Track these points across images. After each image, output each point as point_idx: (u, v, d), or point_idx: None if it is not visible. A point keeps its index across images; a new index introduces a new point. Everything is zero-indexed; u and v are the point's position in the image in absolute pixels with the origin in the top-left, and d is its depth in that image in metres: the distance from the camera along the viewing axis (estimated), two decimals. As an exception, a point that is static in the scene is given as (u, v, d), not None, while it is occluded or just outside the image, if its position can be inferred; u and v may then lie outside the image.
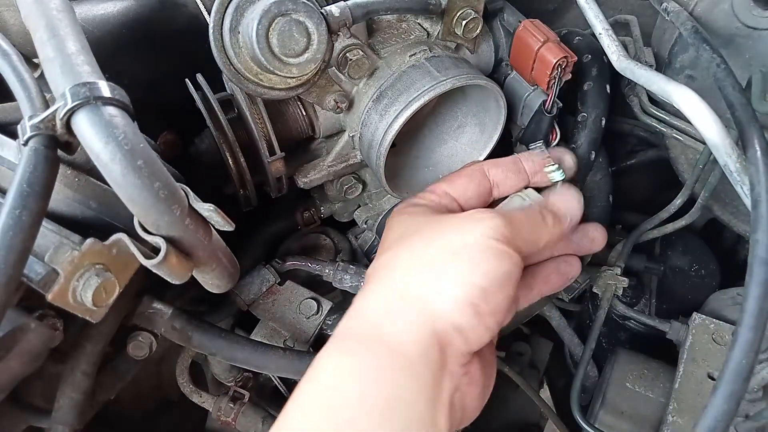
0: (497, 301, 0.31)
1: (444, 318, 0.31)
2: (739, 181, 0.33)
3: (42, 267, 0.28)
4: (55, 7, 0.30)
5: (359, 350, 0.30)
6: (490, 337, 0.32)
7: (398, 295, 0.32)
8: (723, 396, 0.27)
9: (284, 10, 0.32)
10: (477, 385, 0.32)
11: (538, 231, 0.35)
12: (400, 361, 0.29)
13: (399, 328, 0.30)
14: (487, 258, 0.32)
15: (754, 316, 0.28)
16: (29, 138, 0.27)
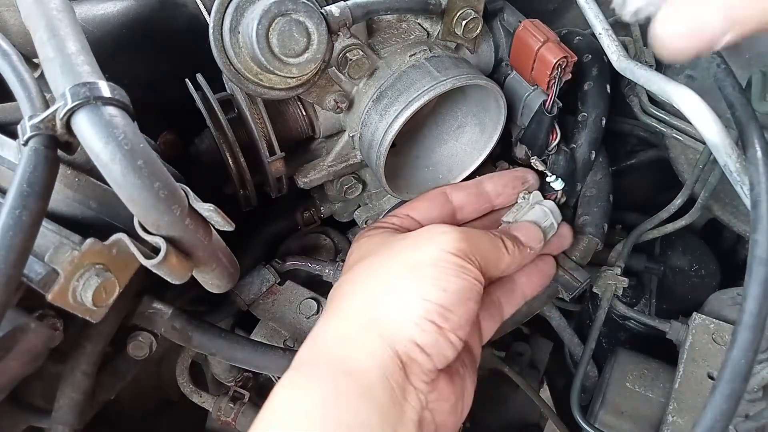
0: (458, 316, 0.31)
1: (404, 338, 0.31)
2: (738, 181, 0.33)
3: (42, 267, 0.28)
4: (55, 7, 0.30)
5: (319, 379, 0.30)
6: (455, 352, 0.32)
7: (357, 320, 0.32)
8: (722, 395, 0.27)
9: (284, 10, 0.32)
10: (447, 400, 0.32)
11: (498, 254, 0.36)
12: (360, 387, 0.29)
13: (358, 354, 0.30)
14: (445, 273, 0.32)
15: (753, 315, 0.28)
16: (29, 138, 0.27)
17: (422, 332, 0.31)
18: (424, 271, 0.32)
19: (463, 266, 0.33)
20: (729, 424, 0.27)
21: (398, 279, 0.33)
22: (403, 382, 0.30)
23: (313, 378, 0.30)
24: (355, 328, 0.32)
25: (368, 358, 0.30)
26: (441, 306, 0.31)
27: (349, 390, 0.29)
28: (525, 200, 0.43)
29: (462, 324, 0.32)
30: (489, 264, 0.35)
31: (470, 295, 0.33)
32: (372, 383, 0.29)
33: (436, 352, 0.31)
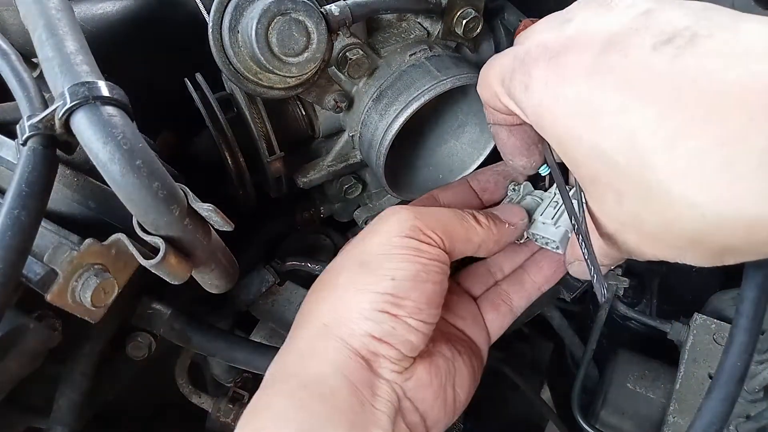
0: (413, 300, 0.31)
1: (359, 334, 0.30)
2: None
3: (41, 267, 0.28)
4: (53, 6, 0.30)
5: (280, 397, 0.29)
6: (422, 336, 0.31)
7: (313, 330, 0.32)
8: (717, 398, 0.27)
9: (284, 9, 0.32)
10: (430, 386, 0.32)
11: (467, 227, 0.35)
12: (320, 395, 0.28)
13: (317, 364, 0.30)
14: (393, 261, 0.31)
15: (749, 318, 0.28)
16: (28, 138, 0.27)
17: (376, 324, 0.30)
18: (372, 263, 0.32)
19: (414, 248, 0.32)
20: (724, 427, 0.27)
21: (348, 278, 0.32)
22: (369, 378, 0.30)
23: (277, 396, 0.29)
24: (312, 338, 0.31)
25: (326, 364, 0.30)
26: (391, 295, 0.31)
27: (311, 400, 0.28)
28: (515, 192, 0.42)
29: (421, 307, 0.31)
30: (457, 237, 0.34)
31: (425, 276, 0.31)
32: (332, 388, 0.29)
33: (397, 340, 0.31)
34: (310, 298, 0.35)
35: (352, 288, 0.32)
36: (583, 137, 0.25)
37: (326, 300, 0.33)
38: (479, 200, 0.43)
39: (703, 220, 0.22)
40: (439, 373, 0.33)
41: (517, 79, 0.28)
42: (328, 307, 0.32)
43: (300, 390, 0.29)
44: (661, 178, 0.22)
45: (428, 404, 0.32)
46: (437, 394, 0.32)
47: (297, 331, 0.33)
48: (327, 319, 0.32)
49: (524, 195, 0.42)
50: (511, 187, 0.43)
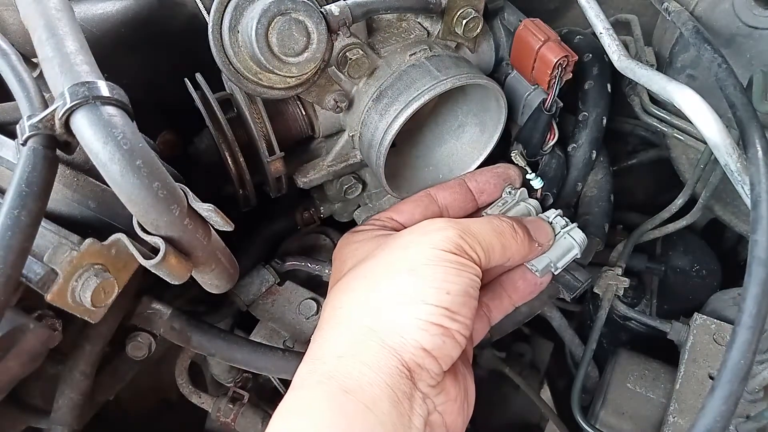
0: (463, 315, 0.31)
1: (411, 344, 0.30)
2: (740, 181, 0.32)
3: (41, 267, 0.28)
4: (53, 6, 0.30)
5: (320, 401, 0.29)
6: (460, 352, 0.32)
7: (356, 331, 0.31)
8: (721, 397, 0.26)
9: (284, 9, 0.32)
10: (455, 400, 0.32)
11: (504, 241, 0.35)
12: (364, 404, 0.28)
13: (360, 368, 0.29)
14: (446, 273, 0.31)
15: (752, 316, 0.28)
16: (28, 138, 0.27)
17: (430, 336, 0.30)
18: (424, 272, 0.31)
19: (462, 263, 0.32)
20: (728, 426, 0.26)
21: (397, 284, 0.32)
22: (410, 391, 0.30)
23: (315, 401, 0.29)
24: (355, 341, 0.31)
25: (371, 371, 0.29)
26: (447, 309, 0.31)
27: (353, 409, 0.28)
28: (510, 195, 0.42)
29: (467, 323, 0.31)
30: (495, 251, 0.34)
31: (473, 292, 0.32)
32: (377, 398, 0.28)
33: (443, 354, 0.31)
34: (347, 297, 0.33)
35: (403, 296, 0.31)
36: None
37: (368, 303, 0.32)
38: (475, 201, 0.43)
39: None
40: (460, 387, 0.33)
41: None
42: (373, 311, 0.31)
43: (341, 395, 0.28)
44: None
45: (454, 417, 0.32)
46: (460, 408, 0.33)
47: (336, 331, 0.32)
48: (371, 322, 0.31)
49: (519, 200, 0.42)
50: (507, 190, 0.43)
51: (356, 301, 0.33)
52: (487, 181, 0.42)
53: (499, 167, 0.44)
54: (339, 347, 0.31)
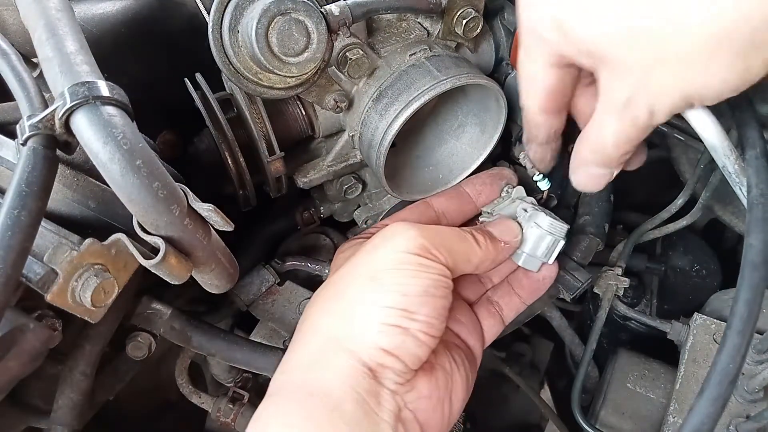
0: (424, 315, 0.31)
1: (368, 346, 0.31)
2: (737, 183, 0.32)
3: (41, 267, 0.28)
4: (53, 6, 0.30)
5: (288, 406, 0.30)
6: (428, 349, 0.32)
7: (321, 340, 0.32)
8: (708, 399, 0.27)
9: (284, 9, 0.32)
10: (429, 398, 0.32)
11: (468, 247, 0.36)
12: (328, 405, 0.29)
13: (324, 374, 0.30)
14: (403, 276, 0.32)
15: (743, 320, 0.28)
16: (28, 138, 0.27)
17: (386, 337, 0.31)
18: (383, 278, 0.32)
19: (422, 264, 0.33)
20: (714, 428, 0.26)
21: (358, 292, 0.33)
22: (374, 389, 0.30)
23: (283, 407, 0.30)
24: (319, 349, 0.32)
25: (334, 375, 0.30)
26: (403, 309, 0.31)
27: (317, 410, 0.29)
28: (507, 194, 0.43)
29: (430, 322, 0.32)
30: (458, 258, 0.35)
31: (435, 291, 0.32)
32: (340, 399, 0.29)
33: (405, 353, 0.31)
34: (315, 309, 0.35)
35: (362, 302, 0.32)
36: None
37: (334, 312, 0.33)
38: (474, 204, 0.43)
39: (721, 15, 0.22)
40: (438, 387, 0.33)
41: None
42: (336, 319, 0.33)
43: (307, 400, 0.29)
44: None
45: (428, 415, 0.32)
46: (436, 406, 0.33)
47: (302, 342, 0.33)
48: (336, 331, 0.32)
49: (513, 198, 0.42)
50: (505, 189, 0.43)
51: (321, 310, 0.34)
52: (483, 182, 0.43)
53: (494, 168, 0.44)
54: (305, 357, 0.32)
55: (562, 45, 0.30)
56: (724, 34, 0.24)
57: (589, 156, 0.34)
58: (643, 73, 0.27)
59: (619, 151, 0.32)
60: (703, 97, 0.27)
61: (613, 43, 0.27)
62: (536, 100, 0.34)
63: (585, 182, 0.36)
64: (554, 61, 0.31)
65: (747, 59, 0.24)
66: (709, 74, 0.25)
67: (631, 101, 0.29)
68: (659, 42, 0.26)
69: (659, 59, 0.26)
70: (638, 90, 0.28)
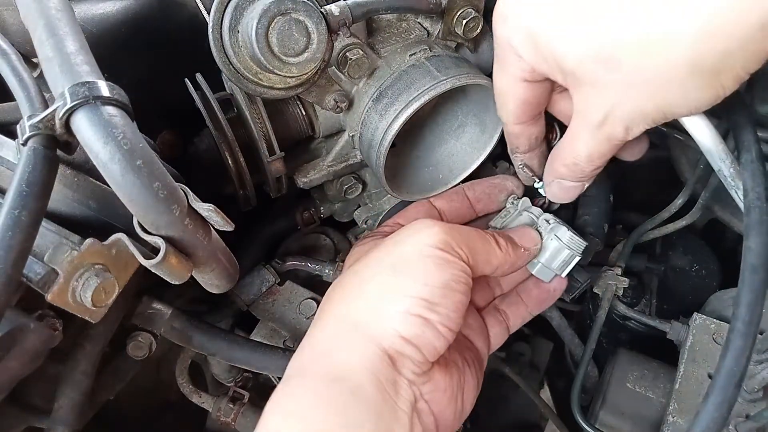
0: (444, 307, 0.32)
1: (389, 334, 0.31)
2: (733, 186, 0.32)
3: (41, 267, 0.28)
4: (54, 6, 0.30)
5: (309, 390, 0.30)
6: (446, 343, 0.32)
7: (342, 326, 0.32)
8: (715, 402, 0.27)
9: (284, 9, 0.32)
10: (444, 391, 0.33)
11: (489, 249, 0.36)
12: (350, 390, 0.29)
13: (345, 358, 0.31)
14: (427, 268, 0.32)
15: (746, 323, 0.28)
16: (28, 138, 0.27)
17: (408, 326, 0.31)
18: (406, 268, 0.33)
19: (445, 258, 0.33)
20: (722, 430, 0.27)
21: (382, 281, 0.33)
22: (393, 376, 0.30)
23: (304, 389, 0.30)
24: (341, 335, 0.32)
25: (355, 360, 0.30)
26: (424, 300, 0.32)
27: (339, 394, 0.29)
28: (513, 206, 0.43)
29: (450, 315, 0.32)
30: (479, 258, 0.35)
31: (455, 286, 0.33)
32: (361, 384, 0.29)
33: (424, 343, 0.31)
34: (336, 295, 0.35)
35: (385, 290, 0.32)
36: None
37: (356, 299, 0.33)
38: (473, 210, 0.44)
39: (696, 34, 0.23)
40: (452, 382, 0.33)
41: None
42: (359, 306, 0.33)
43: (328, 384, 0.29)
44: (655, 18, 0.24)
45: (442, 408, 0.33)
46: (450, 401, 0.33)
47: (322, 326, 0.34)
48: (358, 317, 0.32)
49: (521, 210, 0.42)
50: (510, 200, 0.43)
51: (343, 297, 0.34)
52: (483, 191, 0.44)
53: (497, 177, 0.45)
54: (325, 341, 0.33)
55: (537, 61, 0.30)
56: (696, 59, 0.25)
57: (563, 170, 0.35)
58: (619, 92, 0.27)
59: (592, 166, 0.33)
60: (680, 114, 0.28)
61: (589, 63, 0.27)
62: (511, 113, 0.35)
63: (558, 194, 0.38)
64: (528, 76, 0.32)
65: (720, 78, 0.25)
66: (686, 93, 0.26)
67: (606, 120, 0.29)
68: (636, 62, 0.26)
69: (636, 79, 0.27)
70: (614, 109, 0.28)
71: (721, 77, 0.25)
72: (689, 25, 0.24)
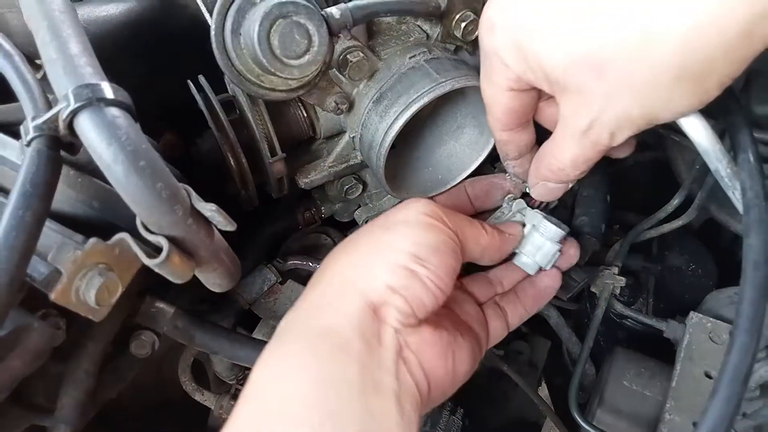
0: (432, 264, 0.32)
1: (377, 285, 0.32)
2: (730, 187, 0.33)
3: (45, 267, 0.28)
4: (57, 8, 0.31)
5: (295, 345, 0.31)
6: (434, 300, 0.33)
7: (334, 282, 0.33)
8: (722, 399, 0.27)
9: (285, 12, 0.33)
10: (433, 346, 0.33)
11: (476, 230, 0.38)
12: (334, 344, 0.30)
13: (332, 312, 0.31)
14: (417, 229, 0.34)
15: (750, 319, 0.28)
16: (32, 139, 0.27)
17: (395, 277, 0.32)
18: (397, 229, 0.34)
19: (434, 224, 0.34)
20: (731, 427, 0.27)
21: (371, 240, 0.34)
22: (377, 327, 0.31)
23: (291, 345, 0.31)
24: (330, 292, 0.33)
25: (342, 316, 0.31)
26: (413, 254, 0.32)
27: (324, 348, 0.29)
28: (508, 206, 0.44)
29: (438, 273, 0.33)
30: (468, 237, 0.36)
31: (443, 248, 0.34)
32: (346, 337, 0.30)
33: (411, 295, 0.32)
34: (331, 259, 0.36)
35: (376, 247, 0.34)
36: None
37: (347, 259, 0.35)
38: (471, 206, 0.45)
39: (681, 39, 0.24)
40: (442, 339, 0.34)
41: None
42: (349, 264, 0.34)
43: (315, 339, 0.30)
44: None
45: (431, 363, 0.33)
46: (439, 356, 0.33)
47: (314, 286, 0.35)
48: (349, 274, 0.33)
49: (515, 211, 0.43)
50: (507, 199, 0.44)
51: (336, 259, 0.36)
52: (482, 188, 0.45)
53: (496, 176, 0.45)
54: (315, 299, 0.33)
55: (523, 70, 0.31)
56: (680, 66, 0.25)
57: (548, 174, 0.36)
58: (605, 100, 0.28)
59: (577, 171, 0.34)
60: (664, 119, 0.29)
61: (575, 70, 0.28)
62: (498, 121, 0.36)
63: (544, 195, 0.39)
64: (514, 85, 0.32)
65: (704, 83, 0.26)
66: (671, 99, 0.27)
67: (592, 127, 0.30)
68: (622, 70, 0.27)
69: (622, 85, 0.27)
70: (600, 116, 0.29)
71: (705, 83, 0.26)
72: (675, 30, 0.24)
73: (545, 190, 0.38)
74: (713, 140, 0.32)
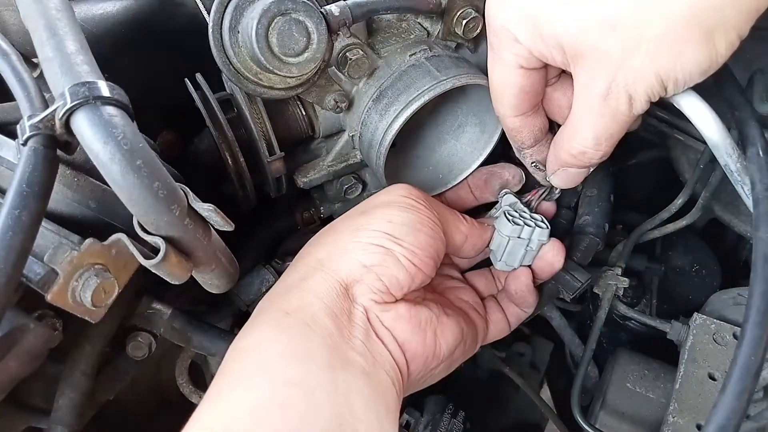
0: (408, 243, 0.33)
1: (350, 265, 0.32)
2: (739, 181, 0.32)
3: (41, 267, 0.28)
4: (54, 6, 0.30)
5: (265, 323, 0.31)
6: (409, 277, 0.33)
7: (308, 264, 0.34)
8: (733, 393, 0.26)
9: (284, 10, 0.32)
10: (409, 321, 0.33)
11: (456, 218, 0.38)
12: (302, 321, 0.30)
13: (303, 290, 0.32)
14: (394, 209, 0.34)
15: (761, 312, 0.27)
16: (28, 138, 0.27)
17: (368, 255, 0.32)
18: (374, 211, 0.34)
19: (411, 204, 0.35)
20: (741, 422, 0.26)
21: (348, 223, 0.35)
22: (348, 304, 0.31)
23: (263, 325, 0.31)
24: (302, 274, 0.33)
25: (312, 295, 0.31)
26: (387, 233, 0.33)
27: (293, 327, 0.30)
28: (500, 200, 0.43)
29: (414, 251, 0.33)
30: (448, 220, 0.37)
31: (420, 227, 0.33)
32: (315, 315, 0.30)
33: (385, 272, 0.32)
34: (309, 244, 0.37)
35: (350, 229, 0.34)
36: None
37: (323, 241, 0.35)
38: (473, 195, 0.45)
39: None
40: (419, 314, 0.34)
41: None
42: (324, 244, 0.34)
43: (284, 317, 0.30)
44: None
45: (406, 336, 0.33)
46: (416, 329, 0.33)
47: (290, 270, 0.35)
48: (321, 256, 0.33)
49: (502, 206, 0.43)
50: (501, 193, 0.44)
51: (313, 244, 0.36)
52: (481, 178, 0.45)
53: (495, 166, 0.45)
54: (287, 281, 0.34)
55: (535, 43, 0.30)
56: (691, 16, 0.26)
57: (568, 158, 0.34)
58: (620, 59, 0.28)
59: (599, 152, 0.33)
60: (677, 80, 0.28)
61: (590, 34, 0.28)
62: (509, 105, 0.35)
63: (565, 182, 0.38)
64: (524, 62, 0.32)
65: (713, 40, 0.27)
66: (681, 55, 0.27)
67: (610, 90, 0.29)
68: (634, 28, 0.27)
69: (634, 44, 0.27)
70: (616, 77, 0.29)
71: (715, 37, 0.26)
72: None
73: (566, 176, 0.36)
74: (723, 134, 0.32)
